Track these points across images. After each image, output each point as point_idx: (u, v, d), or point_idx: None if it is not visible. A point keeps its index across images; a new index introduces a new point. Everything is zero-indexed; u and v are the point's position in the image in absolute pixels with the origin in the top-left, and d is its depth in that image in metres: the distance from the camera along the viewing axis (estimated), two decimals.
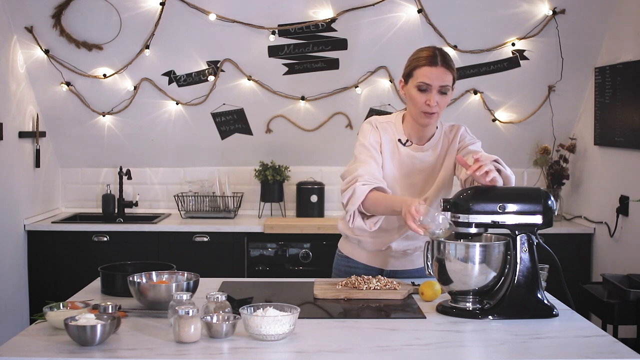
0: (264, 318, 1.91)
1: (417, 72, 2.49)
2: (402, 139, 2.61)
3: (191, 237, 4.38)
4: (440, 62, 2.47)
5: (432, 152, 2.61)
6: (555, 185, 4.58)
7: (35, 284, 4.40)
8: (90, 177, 4.91)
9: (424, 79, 2.47)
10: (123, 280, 2.33)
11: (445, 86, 2.48)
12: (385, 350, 1.88)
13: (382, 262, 2.71)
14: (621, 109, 4.01)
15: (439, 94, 2.48)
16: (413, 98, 2.51)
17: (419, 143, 2.61)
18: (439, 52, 2.50)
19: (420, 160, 2.60)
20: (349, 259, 2.76)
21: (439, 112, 2.52)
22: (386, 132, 2.61)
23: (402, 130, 2.62)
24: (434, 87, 2.47)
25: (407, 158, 2.60)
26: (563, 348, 1.92)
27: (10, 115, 4.18)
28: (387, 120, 2.65)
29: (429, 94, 2.47)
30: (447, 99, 2.51)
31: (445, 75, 2.47)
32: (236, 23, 4.30)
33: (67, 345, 1.88)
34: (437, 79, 2.46)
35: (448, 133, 2.64)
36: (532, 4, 4.26)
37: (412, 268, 2.71)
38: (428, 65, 2.47)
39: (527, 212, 2.20)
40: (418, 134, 2.61)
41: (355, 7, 4.25)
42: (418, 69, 2.49)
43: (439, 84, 2.47)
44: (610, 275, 3.45)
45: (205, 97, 4.55)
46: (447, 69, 2.48)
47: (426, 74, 2.47)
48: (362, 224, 2.51)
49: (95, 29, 4.31)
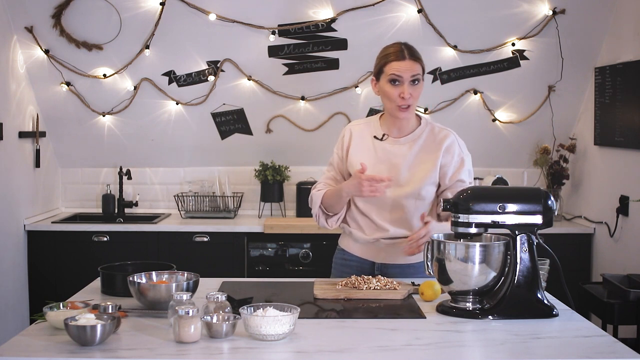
0: (264, 318, 1.91)
1: (387, 68, 2.61)
2: (378, 135, 2.71)
3: (191, 237, 4.38)
4: (408, 56, 2.60)
5: (410, 146, 2.68)
6: (555, 185, 4.58)
7: (35, 284, 4.40)
8: (90, 177, 4.91)
9: (395, 72, 2.59)
10: (123, 280, 2.33)
11: (416, 75, 2.59)
12: (385, 350, 1.88)
13: (373, 254, 2.74)
14: (621, 109, 4.01)
15: (411, 85, 2.59)
16: (387, 92, 2.62)
17: (396, 137, 2.70)
18: (405, 47, 2.64)
19: (396, 154, 2.67)
20: (344, 252, 2.82)
21: (414, 103, 2.63)
22: (361, 132, 2.75)
23: (379, 127, 2.73)
24: (405, 78, 2.58)
25: (383, 152, 2.69)
26: (563, 348, 1.92)
27: (10, 115, 4.18)
28: (365, 122, 2.80)
29: (402, 86, 2.59)
30: (419, 90, 2.63)
31: (414, 66, 2.59)
32: (236, 23, 4.30)
33: (67, 345, 1.88)
34: (407, 70, 2.58)
35: (436, 134, 2.70)
36: (532, 4, 4.26)
37: (403, 263, 2.72)
38: (397, 60, 2.60)
39: (527, 212, 2.20)
40: (396, 127, 2.70)
41: (355, 7, 4.25)
42: (388, 64, 2.61)
43: (410, 74, 2.58)
44: (610, 275, 3.44)
45: (205, 97, 4.55)
46: (415, 61, 2.60)
47: (396, 67, 2.59)
48: (325, 223, 2.75)
49: (95, 29, 4.31)
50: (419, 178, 2.65)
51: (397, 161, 2.66)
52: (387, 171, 2.64)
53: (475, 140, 4.71)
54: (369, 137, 2.73)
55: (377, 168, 2.66)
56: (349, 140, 2.75)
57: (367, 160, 2.66)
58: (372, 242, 2.72)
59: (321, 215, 2.73)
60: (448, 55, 4.41)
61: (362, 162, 2.58)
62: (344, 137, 2.77)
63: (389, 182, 2.52)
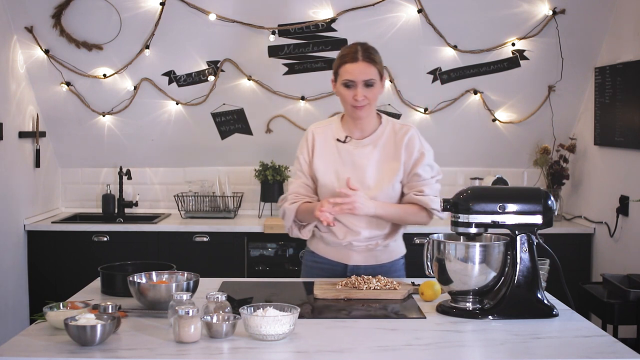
0: (264, 318, 1.91)
1: (341, 70, 2.60)
2: (341, 138, 2.69)
3: (191, 237, 4.38)
4: (362, 57, 2.57)
5: (373, 147, 2.67)
6: (555, 185, 4.58)
7: (35, 284, 4.40)
8: (90, 177, 4.91)
9: (348, 76, 2.57)
10: (123, 280, 2.33)
11: (370, 80, 2.57)
12: (385, 350, 1.88)
13: (345, 257, 2.72)
14: (621, 109, 4.01)
15: (364, 87, 2.57)
16: (341, 95, 2.62)
17: (358, 138, 2.68)
18: (360, 48, 2.60)
19: (359, 155, 2.66)
20: (314, 254, 2.79)
21: (370, 104, 2.62)
22: (324, 135, 2.72)
23: (342, 129, 2.71)
24: (358, 82, 2.56)
25: (347, 154, 2.67)
26: (563, 348, 1.92)
27: (10, 115, 4.18)
28: (327, 124, 2.76)
29: (355, 89, 2.57)
30: (376, 92, 2.61)
31: (367, 69, 2.56)
32: (236, 23, 4.30)
33: (67, 345, 1.88)
34: (360, 74, 2.56)
35: (397, 131, 2.70)
36: (532, 4, 4.26)
37: (375, 264, 2.72)
38: (350, 62, 2.57)
39: (527, 212, 2.20)
40: (357, 129, 2.68)
41: (355, 7, 4.25)
42: (342, 67, 2.60)
43: (362, 78, 2.56)
44: (610, 275, 3.44)
45: (205, 97, 4.55)
46: (369, 63, 2.57)
47: (349, 70, 2.57)
48: (299, 234, 2.73)
49: (95, 29, 4.31)
50: (385, 178, 2.64)
51: (362, 163, 2.65)
52: (352, 173, 2.63)
53: (475, 140, 4.73)
54: (332, 139, 2.70)
55: (342, 171, 2.64)
56: (313, 144, 2.71)
57: (331, 163, 2.66)
58: (345, 246, 2.70)
59: (294, 227, 2.71)
60: (448, 55, 4.41)
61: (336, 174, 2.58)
62: (308, 141, 2.73)
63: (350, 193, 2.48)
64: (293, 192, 2.71)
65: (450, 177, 4.84)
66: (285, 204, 2.70)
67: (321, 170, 2.67)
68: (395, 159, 2.65)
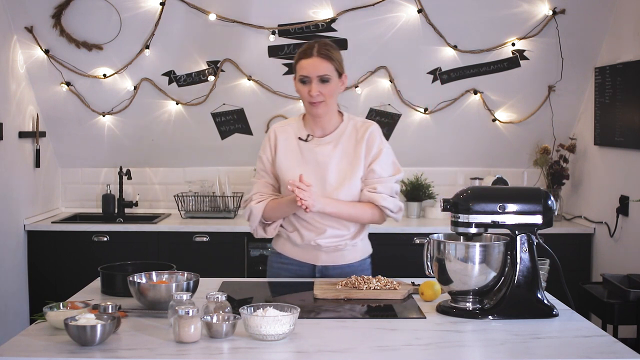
0: (264, 318, 1.91)
1: (297, 67, 2.62)
2: (303, 136, 2.69)
3: (191, 237, 4.38)
4: (316, 53, 2.58)
5: (335, 145, 2.66)
6: (555, 185, 4.58)
7: (35, 284, 4.40)
8: (90, 177, 4.91)
9: (302, 72, 2.59)
10: (123, 280, 2.33)
11: (324, 75, 2.58)
12: (385, 350, 1.88)
13: (313, 257, 2.71)
14: (621, 109, 4.01)
15: (320, 83, 2.58)
16: (298, 91, 2.64)
17: (320, 136, 2.69)
18: (316, 44, 2.62)
19: (322, 154, 2.66)
20: (281, 255, 2.77)
21: (327, 101, 2.61)
22: (286, 134, 2.72)
23: (303, 127, 2.71)
24: (312, 77, 2.58)
25: (309, 153, 2.67)
26: (563, 348, 1.92)
27: (10, 115, 4.18)
28: (288, 123, 2.77)
29: (310, 84, 2.58)
30: (332, 88, 2.60)
31: (321, 65, 2.57)
32: (236, 23, 4.30)
33: (67, 345, 1.88)
34: (314, 69, 2.57)
35: (358, 128, 2.70)
36: (532, 4, 4.26)
37: (343, 263, 2.71)
38: (304, 58, 2.60)
39: (527, 212, 2.20)
40: (318, 127, 2.69)
41: (355, 7, 4.25)
42: (297, 63, 2.62)
43: (317, 74, 2.57)
44: (610, 275, 3.44)
45: (205, 97, 4.55)
46: (323, 59, 2.58)
47: (303, 66, 2.59)
48: (263, 233, 2.72)
49: (95, 29, 4.31)
50: (347, 175, 2.64)
51: (324, 161, 2.65)
52: (315, 172, 2.63)
53: (475, 140, 4.73)
54: (294, 138, 2.70)
55: (305, 170, 2.62)
56: (275, 143, 2.71)
57: (294, 162, 2.66)
58: (313, 246, 2.69)
59: (259, 227, 2.69)
60: (448, 55, 4.41)
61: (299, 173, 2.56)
62: (270, 140, 2.73)
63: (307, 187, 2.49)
64: (257, 192, 2.71)
65: (450, 177, 4.85)
66: (251, 204, 2.68)
67: (284, 169, 2.66)
68: (356, 156, 2.65)
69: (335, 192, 2.62)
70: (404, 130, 4.65)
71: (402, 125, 4.63)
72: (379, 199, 2.62)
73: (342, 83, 2.66)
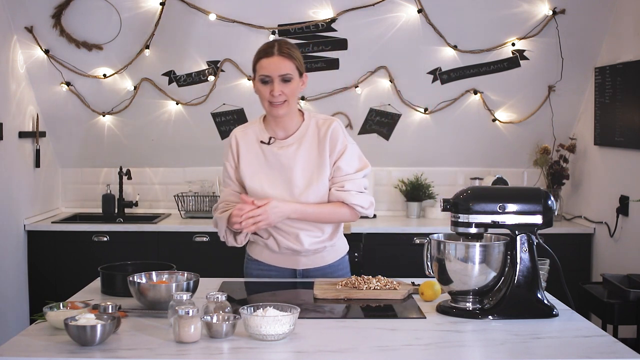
0: (264, 318, 1.91)
1: (257, 66, 2.56)
2: (265, 139, 2.62)
3: (191, 237, 4.38)
4: (277, 52, 2.52)
5: (298, 146, 2.59)
6: (555, 185, 4.58)
7: (35, 284, 4.40)
8: (90, 177, 4.91)
9: (263, 71, 2.53)
10: (123, 280, 2.33)
11: (286, 74, 2.52)
12: (385, 350, 1.88)
13: (293, 262, 2.67)
14: (621, 109, 4.01)
15: (281, 82, 2.52)
16: (259, 91, 2.57)
17: (282, 138, 2.62)
18: (276, 43, 2.56)
19: (286, 156, 2.58)
20: (260, 262, 2.72)
21: (289, 101, 2.55)
22: (247, 138, 2.64)
23: (265, 130, 2.64)
24: (274, 77, 2.51)
25: (273, 156, 2.60)
26: (563, 348, 1.92)
27: (10, 115, 4.18)
28: (249, 126, 2.69)
29: (271, 84, 2.52)
30: (294, 87, 2.54)
31: (282, 64, 2.51)
32: (236, 23, 4.30)
33: (67, 345, 1.88)
34: (275, 69, 2.51)
35: (320, 126, 2.62)
36: (532, 4, 4.26)
37: (324, 265, 2.68)
38: (264, 57, 2.54)
39: (527, 212, 2.20)
40: (280, 128, 2.62)
41: (355, 7, 4.25)
42: (258, 63, 2.56)
43: (278, 73, 2.51)
44: (610, 275, 3.45)
45: (205, 97, 4.55)
46: (284, 57, 2.52)
47: (264, 65, 2.53)
48: (234, 242, 2.64)
49: (95, 29, 4.31)
50: (314, 176, 2.57)
51: (289, 164, 2.58)
52: (280, 176, 2.57)
53: (475, 140, 4.73)
54: (256, 142, 2.62)
55: (269, 174, 2.58)
56: (237, 149, 2.64)
57: (258, 167, 2.60)
58: (292, 251, 2.65)
59: (229, 236, 2.61)
60: (448, 55, 4.41)
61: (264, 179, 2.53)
62: (232, 146, 2.65)
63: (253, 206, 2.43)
64: (224, 201, 2.65)
65: (450, 177, 4.85)
66: (216, 214, 2.63)
67: (248, 175, 2.60)
68: (321, 155, 2.58)
69: (303, 195, 2.56)
70: (404, 130, 4.65)
71: (402, 125, 4.63)
72: (348, 197, 2.55)
73: (302, 83, 2.59)
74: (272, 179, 2.58)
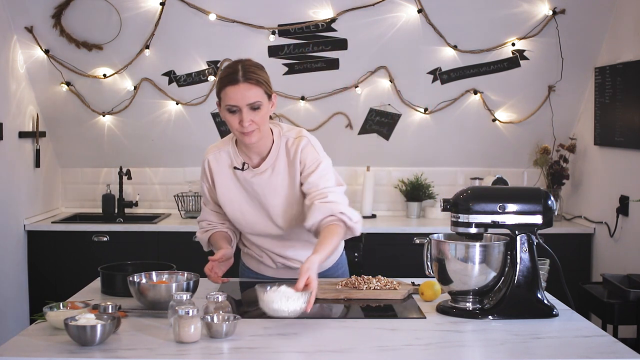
0: (276, 293, 1.99)
1: (223, 94, 2.34)
2: (238, 165, 2.49)
3: (191, 237, 4.37)
4: (242, 78, 2.30)
5: (271, 172, 2.47)
6: (555, 185, 4.58)
7: (35, 284, 4.40)
8: (90, 177, 4.91)
9: (230, 101, 2.32)
10: (123, 280, 2.33)
11: (255, 102, 2.32)
12: (385, 350, 1.88)
13: (290, 274, 2.63)
14: (621, 109, 4.01)
15: (250, 111, 2.33)
16: (227, 121, 2.38)
17: (256, 165, 2.49)
18: (240, 67, 2.33)
19: (259, 184, 2.47)
20: (257, 274, 2.72)
21: (260, 129, 2.37)
22: (220, 164, 2.52)
23: (237, 153, 2.50)
24: (242, 106, 2.31)
25: (247, 183, 2.49)
26: (563, 348, 1.92)
27: (10, 115, 4.18)
28: (221, 148, 2.54)
29: (240, 114, 2.32)
30: (264, 113, 2.36)
31: (249, 92, 2.30)
32: (236, 23, 4.30)
33: (67, 345, 1.88)
34: (242, 98, 2.30)
35: (290, 146, 2.47)
36: (532, 4, 4.26)
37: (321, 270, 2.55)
38: (230, 85, 2.31)
39: (527, 212, 2.20)
40: (253, 153, 2.48)
41: (355, 7, 4.25)
42: (222, 90, 2.34)
43: (246, 102, 2.31)
44: (610, 275, 3.44)
45: (205, 97, 4.55)
46: (250, 84, 2.31)
47: (230, 95, 2.31)
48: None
49: (95, 29, 4.31)
50: (292, 203, 2.48)
51: (264, 191, 2.48)
52: (258, 204, 2.50)
53: (475, 140, 4.73)
54: (229, 167, 2.51)
55: (246, 201, 2.51)
56: (211, 174, 2.54)
57: (234, 193, 2.51)
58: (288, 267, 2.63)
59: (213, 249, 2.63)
60: (448, 55, 4.41)
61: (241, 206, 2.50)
62: (205, 170, 2.56)
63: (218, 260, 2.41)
64: (205, 220, 2.64)
65: (450, 177, 4.85)
66: (197, 233, 2.66)
67: (225, 202, 2.53)
68: (293, 178, 2.46)
69: (280, 220, 2.50)
70: (404, 130, 4.65)
71: (402, 125, 4.63)
72: (336, 207, 2.37)
73: (272, 104, 2.40)
74: (251, 205, 2.52)
